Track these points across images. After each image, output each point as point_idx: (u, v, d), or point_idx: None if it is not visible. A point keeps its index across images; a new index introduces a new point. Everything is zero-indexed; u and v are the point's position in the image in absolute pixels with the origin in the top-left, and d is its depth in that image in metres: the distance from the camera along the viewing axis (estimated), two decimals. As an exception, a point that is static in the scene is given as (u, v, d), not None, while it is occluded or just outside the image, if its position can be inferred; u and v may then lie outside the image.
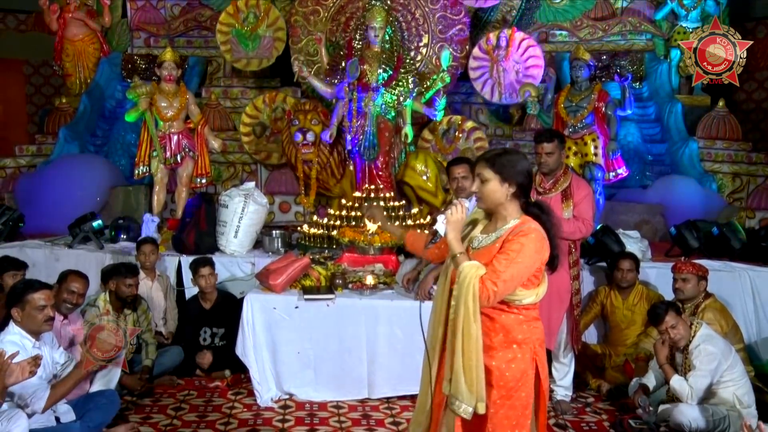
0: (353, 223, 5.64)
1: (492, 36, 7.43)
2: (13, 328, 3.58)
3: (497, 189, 2.64)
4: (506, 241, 2.59)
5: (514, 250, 2.54)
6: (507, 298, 2.58)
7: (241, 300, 4.89)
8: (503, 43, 7.39)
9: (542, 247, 2.59)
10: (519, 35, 7.47)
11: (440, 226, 2.66)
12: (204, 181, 6.55)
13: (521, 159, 2.69)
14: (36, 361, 3.28)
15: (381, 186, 6.17)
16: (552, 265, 2.69)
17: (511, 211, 2.66)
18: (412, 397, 4.63)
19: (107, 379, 4.19)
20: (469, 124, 7.41)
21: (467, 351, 2.53)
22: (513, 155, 2.70)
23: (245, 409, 4.53)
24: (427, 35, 7.22)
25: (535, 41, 7.68)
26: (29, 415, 3.43)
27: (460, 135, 7.29)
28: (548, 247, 2.61)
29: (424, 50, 7.19)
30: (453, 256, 2.61)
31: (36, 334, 3.62)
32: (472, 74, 7.47)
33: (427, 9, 7.18)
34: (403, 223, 5.72)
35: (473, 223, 2.79)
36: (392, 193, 6.15)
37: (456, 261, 2.59)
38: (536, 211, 2.70)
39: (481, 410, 2.55)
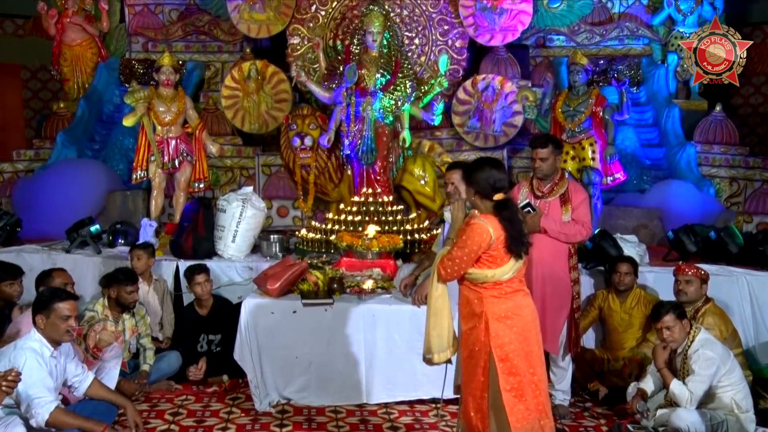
0: (351, 227, 5.64)
1: (481, 81, 7.52)
2: (34, 334, 3.58)
3: (466, 191, 3.32)
4: (460, 229, 3.24)
5: (459, 237, 3.20)
6: (467, 276, 3.22)
7: (238, 305, 4.88)
8: (490, 93, 7.51)
9: (480, 236, 3.13)
10: (508, 85, 7.62)
11: (447, 215, 3.39)
12: (202, 185, 6.55)
13: (483, 171, 3.25)
14: (14, 376, 3.24)
15: (379, 190, 6.17)
16: (515, 253, 3.18)
17: (484, 208, 3.25)
18: (410, 402, 4.64)
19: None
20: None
21: (427, 312, 3.30)
22: (480, 165, 3.30)
23: (243, 415, 4.52)
24: (421, 17, 7.25)
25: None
26: (31, 426, 3.42)
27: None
28: (492, 237, 3.12)
29: (422, 55, 7.23)
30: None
31: (56, 343, 3.63)
32: (456, 119, 7.57)
33: (426, 13, 7.21)
34: (401, 228, 5.72)
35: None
36: (390, 198, 6.15)
37: (444, 244, 3.28)
38: (498, 208, 3.22)
39: (437, 360, 3.31)
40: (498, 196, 3.22)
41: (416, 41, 7.12)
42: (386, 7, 6.78)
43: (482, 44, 7.92)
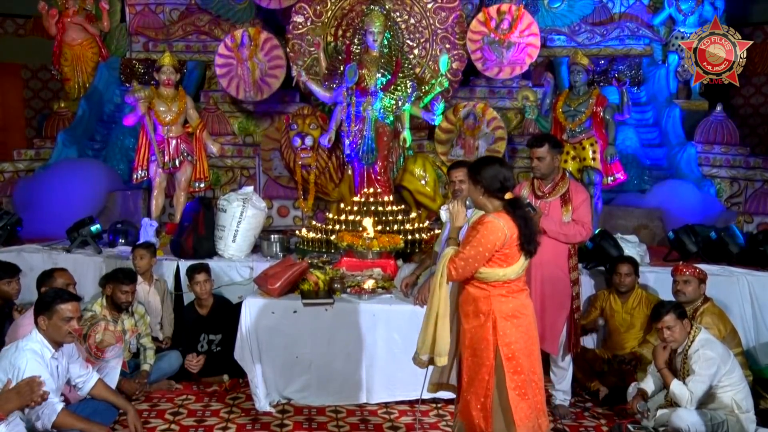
0: (352, 227, 5.64)
1: (463, 109, 7.62)
2: (36, 335, 3.58)
3: (473, 190, 3.28)
4: (471, 228, 3.20)
5: (471, 235, 3.16)
6: (477, 275, 3.17)
7: (238, 305, 4.88)
8: (472, 120, 7.60)
9: (495, 234, 3.11)
10: (489, 112, 7.68)
11: (443, 214, 3.41)
12: (202, 185, 6.56)
13: (492, 167, 3.23)
14: (43, 396, 3.27)
15: (379, 190, 6.17)
16: (526, 252, 3.19)
17: (492, 207, 3.23)
18: (411, 402, 4.64)
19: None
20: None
21: (430, 313, 3.23)
22: (486, 162, 3.29)
23: (243, 414, 4.52)
24: (426, 30, 7.24)
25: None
26: (31, 427, 3.43)
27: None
28: (506, 235, 3.11)
29: (417, 67, 7.21)
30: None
31: (58, 344, 3.63)
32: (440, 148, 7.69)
33: (432, 27, 7.21)
34: (402, 228, 5.72)
35: None
36: (390, 198, 6.15)
37: (447, 243, 3.28)
38: (509, 208, 3.20)
39: (440, 363, 3.25)
40: (508, 196, 3.23)
41: (415, 51, 7.12)
42: (387, 6, 6.76)
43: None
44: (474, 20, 7.54)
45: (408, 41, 7.14)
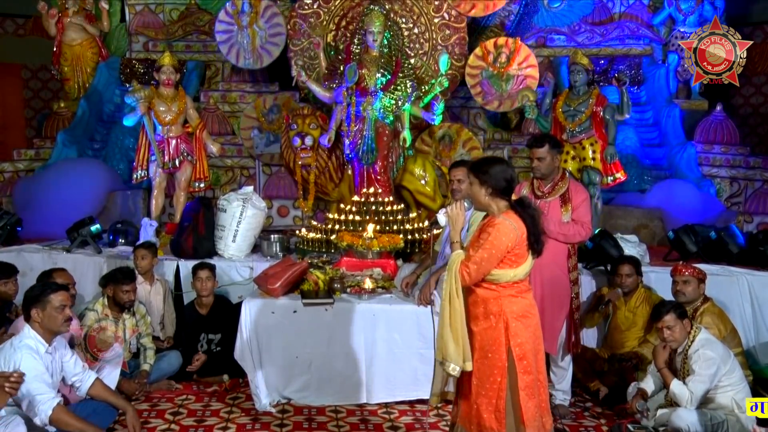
0: (351, 227, 5.64)
1: (439, 130, 7.57)
2: (29, 331, 3.59)
3: (477, 190, 3.22)
4: (480, 231, 3.18)
5: (483, 238, 3.13)
6: (488, 277, 3.14)
7: (237, 304, 4.88)
8: (447, 142, 7.55)
9: (508, 235, 3.10)
10: (464, 132, 7.66)
11: (441, 218, 3.35)
12: (202, 185, 6.56)
13: (497, 166, 3.21)
14: (18, 382, 3.27)
15: (379, 190, 6.17)
16: (534, 251, 3.20)
17: (497, 208, 3.19)
18: (411, 402, 4.64)
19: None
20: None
21: (453, 321, 3.15)
22: (490, 162, 3.27)
23: (243, 414, 4.52)
24: (427, 43, 7.23)
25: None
26: (32, 425, 3.43)
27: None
28: (518, 235, 3.11)
29: (423, 56, 7.20)
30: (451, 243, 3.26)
31: (54, 334, 3.65)
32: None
33: (434, 41, 7.20)
34: (401, 228, 5.72)
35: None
36: (391, 198, 6.15)
37: (452, 248, 3.22)
38: (518, 207, 3.19)
39: (469, 368, 3.17)
40: (514, 196, 3.23)
41: (412, 60, 7.10)
42: (387, 6, 6.75)
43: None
44: (472, 55, 7.53)
45: (407, 49, 7.12)
